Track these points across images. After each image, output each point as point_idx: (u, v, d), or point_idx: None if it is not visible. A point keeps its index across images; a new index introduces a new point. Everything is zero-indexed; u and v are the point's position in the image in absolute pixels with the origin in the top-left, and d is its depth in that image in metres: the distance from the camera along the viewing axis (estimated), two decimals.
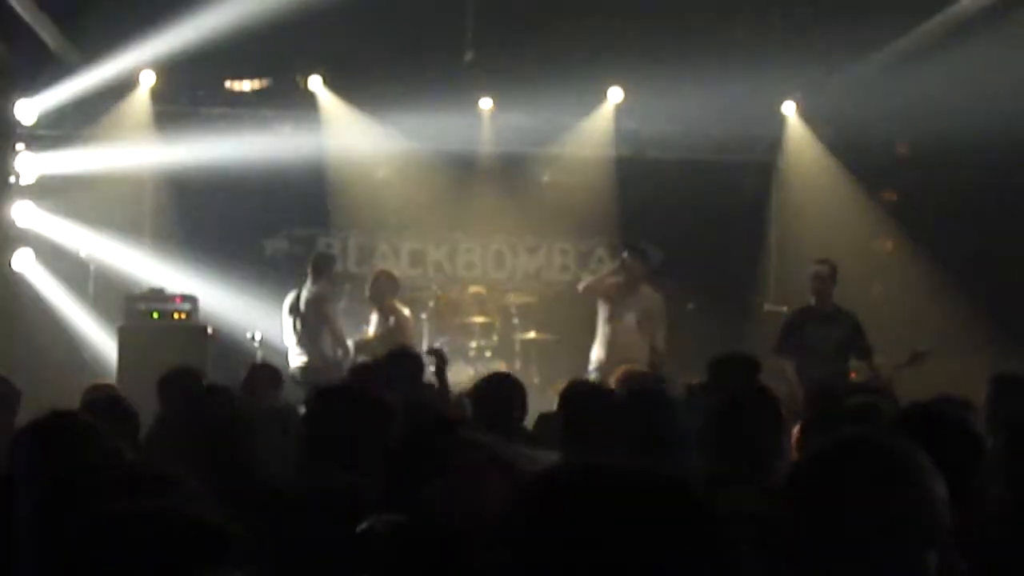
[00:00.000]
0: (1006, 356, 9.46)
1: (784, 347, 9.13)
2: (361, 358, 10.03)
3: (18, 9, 10.61)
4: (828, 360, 8.83)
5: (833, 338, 9.05)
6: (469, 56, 11.98)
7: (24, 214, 11.75)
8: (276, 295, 11.06)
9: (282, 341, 10.73)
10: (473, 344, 11.80)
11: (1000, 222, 12.17)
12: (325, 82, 12.24)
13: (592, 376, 9.68)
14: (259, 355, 10.82)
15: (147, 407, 6.95)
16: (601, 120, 12.63)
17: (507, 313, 12.13)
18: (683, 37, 11.21)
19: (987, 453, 3.67)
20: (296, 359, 10.46)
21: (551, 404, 5.87)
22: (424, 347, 11.03)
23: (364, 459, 3.95)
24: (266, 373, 7.30)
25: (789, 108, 12.76)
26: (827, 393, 6.14)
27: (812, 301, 9.39)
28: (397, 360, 6.71)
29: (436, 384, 6.86)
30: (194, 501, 2.51)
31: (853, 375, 9.25)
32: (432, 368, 7.03)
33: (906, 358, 9.04)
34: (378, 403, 4.31)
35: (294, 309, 10.56)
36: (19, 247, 11.77)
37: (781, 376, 8.95)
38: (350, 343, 10.52)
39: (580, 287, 10.45)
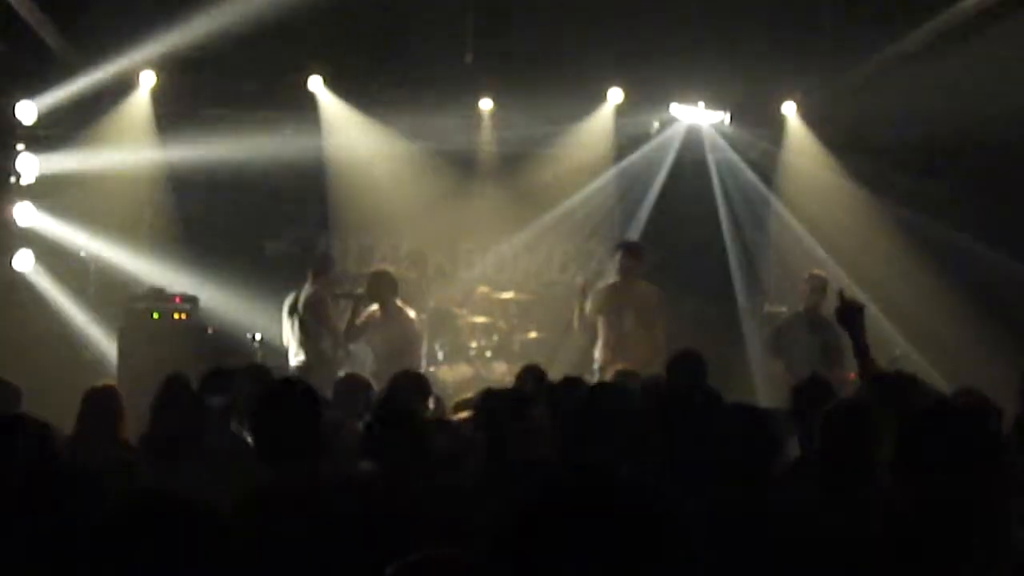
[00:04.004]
0: (1007, 356, 9.48)
1: (774, 349, 10.01)
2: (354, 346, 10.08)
3: (18, 9, 10.62)
4: (814, 363, 9.40)
5: (818, 343, 9.69)
6: (469, 56, 11.98)
7: (24, 214, 11.76)
8: (276, 295, 11.06)
9: (282, 341, 10.73)
10: (473, 344, 11.80)
11: (1001, 222, 12.17)
12: (325, 82, 12.23)
13: (594, 376, 9.69)
14: (259, 355, 10.84)
15: (147, 407, 6.96)
16: (601, 120, 12.63)
17: (507, 313, 12.12)
18: (683, 37, 11.23)
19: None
20: (295, 359, 10.47)
21: None
22: (425, 347, 11.08)
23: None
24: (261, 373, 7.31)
25: (789, 108, 12.75)
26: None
27: (801, 308, 10.25)
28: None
29: None
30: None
31: (852, 376, 9.61)
32: None
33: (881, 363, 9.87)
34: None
35: (293, 310, 10.56)
36: (19, 247, 11.78)
37: (773, 376, 9.64)
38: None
39: (575, 326, 10.49)
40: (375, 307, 10.52)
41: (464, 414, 6.03)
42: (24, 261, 11.77)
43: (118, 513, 2.36)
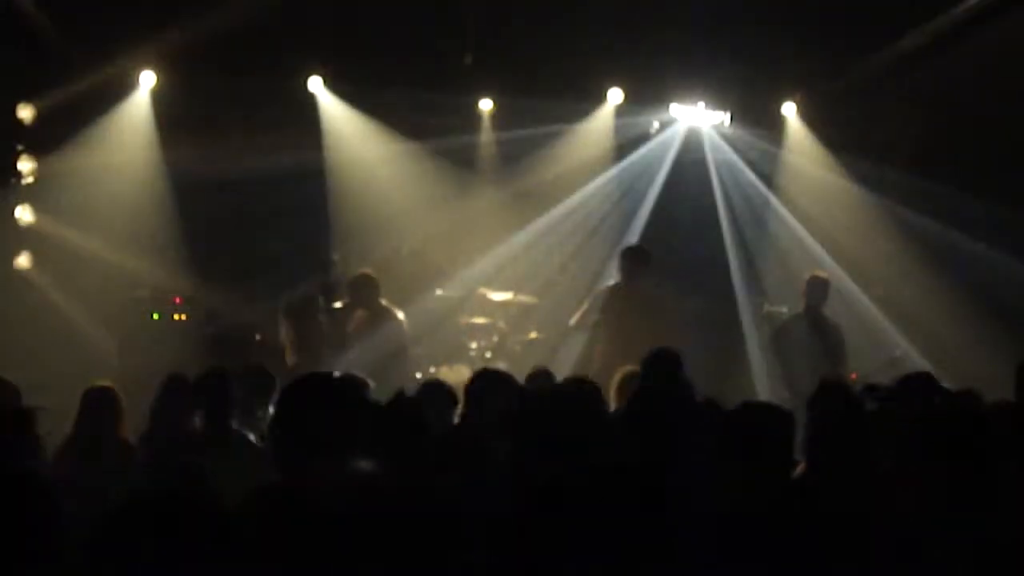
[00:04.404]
0: (1007, 356, 9.47)
1: (775, 350, 9.99)
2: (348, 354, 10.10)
3: (19, 9, 10.62)
4: (814, 364, 9.42)
5: (818, 344, 9.72)
6: (469, 57, 11.99)
7: (24, 214, 11.75)
8: (276, 295, 11.07)
9: (280, 341, 10.76)
10: (473, 344, 11.79)
11: (1001, 222, 12.18)
12: (325, 82, 12.23)
13: (594, 377, 9.67)
14: (258, 356, 10.83)
15: (147, 407, 6.97)
16: (601, 120, 12.63)
17: (507, 313, 12.11)
18: (683, 37, 11.23)
19: None
20: (290, 359, 10.49)
21: None
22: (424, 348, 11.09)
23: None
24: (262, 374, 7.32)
25: (789, 108, 12.75)
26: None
27: (801, 308, 10.23)
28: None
29: None
30: None
31: (854, 376, 9.69)
32: None
33: (880, 365, 9.91)
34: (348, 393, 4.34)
35: (288, 310, 10.60)
36: (19, 247, 11.77)
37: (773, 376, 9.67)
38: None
39: (571, 323, 10.49)
40: (361, 312, 10.55)
41: None
42: (24, 261, 11.76)
43: (122, 512, 2.35)
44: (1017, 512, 3.58)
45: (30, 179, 11.79)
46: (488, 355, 11.77)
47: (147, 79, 11.85)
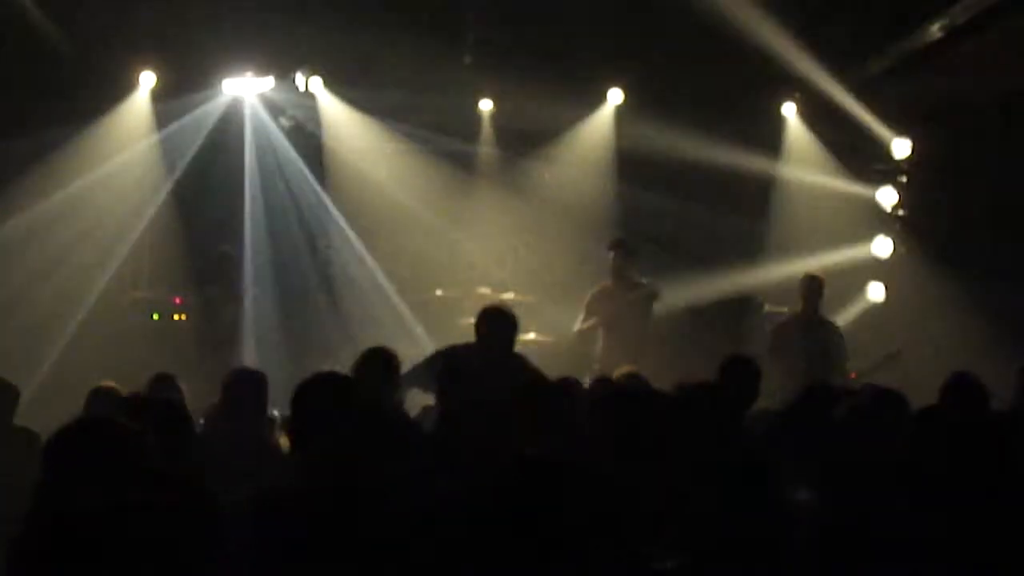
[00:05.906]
0: (1006, 356, 9.48)
1: (773, 350, 9.85)
2: None
3: (19, 9, 10.63)
4: (815, 364, 9.43)
5: (818, 344, 9.72)
6: (469, 57, 12.00)
7: (27, 214, 11.77)
8: (274, 295, 11.10)
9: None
10: None
11: (1002, 222, 12.18)
12: (325, 82, 12.24)
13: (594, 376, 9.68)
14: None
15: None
16: (601, 120, 12.63)
17: None
18: (683, 37, 11.24)
19: None
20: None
21: None
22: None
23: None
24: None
25: (789, 108, 12.75)
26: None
27: (799, 310, 10.24)
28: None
29: None
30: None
31: (853, 376, 9.72)
32: None
33: (879, 361, 9.87)
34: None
35: None
36: (22, 247, 11.78)
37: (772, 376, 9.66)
38: None
39: (575, 330, 10.49)
40: None
41: None
42: (26, 261, 11.77)
43: (119, 512, 2.36)
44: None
45: (31, 179, 11.80)
46: None
47: (147, 79, 11.85)
